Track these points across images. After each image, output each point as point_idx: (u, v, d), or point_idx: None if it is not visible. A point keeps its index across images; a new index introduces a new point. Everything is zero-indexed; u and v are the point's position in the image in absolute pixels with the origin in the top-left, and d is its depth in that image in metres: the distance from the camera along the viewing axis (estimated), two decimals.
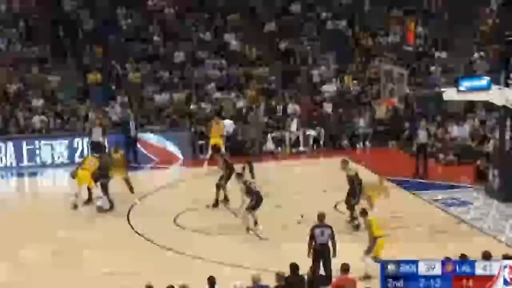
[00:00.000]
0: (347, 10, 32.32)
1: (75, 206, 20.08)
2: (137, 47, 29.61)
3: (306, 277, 13.45)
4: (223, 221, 19.02)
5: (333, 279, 13.99)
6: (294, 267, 13.15)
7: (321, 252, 14.78)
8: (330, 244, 14.86)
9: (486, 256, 13.06)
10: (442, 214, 19.44)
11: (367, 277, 14.65)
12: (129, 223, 19.14)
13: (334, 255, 14.76)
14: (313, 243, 14.86)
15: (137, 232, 18.46)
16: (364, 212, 15.66)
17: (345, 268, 13.11)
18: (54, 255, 17.09)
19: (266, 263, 15.41)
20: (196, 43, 30.19)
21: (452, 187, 21.85)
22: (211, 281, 12.72)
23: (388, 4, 32.49)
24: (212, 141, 23.61)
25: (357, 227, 17.63)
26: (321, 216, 15.22)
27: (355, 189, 18.06)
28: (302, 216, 18.11)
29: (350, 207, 18.09)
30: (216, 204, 19.91)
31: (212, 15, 31.13)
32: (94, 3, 30.65)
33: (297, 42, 30.72)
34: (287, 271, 13.11)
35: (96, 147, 24.09)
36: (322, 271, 14.69)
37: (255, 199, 17.91)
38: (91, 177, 20.06)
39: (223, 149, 22.64)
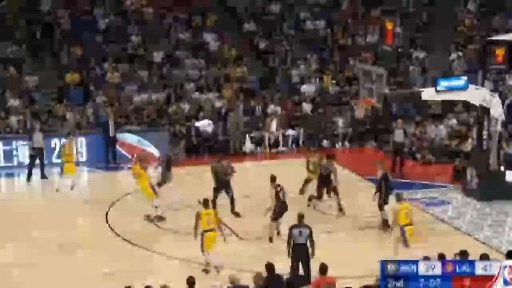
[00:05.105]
0: (326, 10, 32.36)
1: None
2: (115, 47, 29.46)
3: (285, 277, 13.44)
4: None
5: (312, 279, 13.99)
6: (269, 267, 13.10)
7: (299, 252, 14.75)
8: (308, 244, 14.83)
9: (463, 255, 13.14)
10: (420, 213, 19.49)
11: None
12: (108, 223, 19.05)
13: (313, 255, 14.74)
14: (292, 243, 14.84)
15: (115, 233, 18.37)
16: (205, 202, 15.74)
17: (324, 268, 13.10)
18: (32, 256, 16.96)
19: (245, 264, 15.39)
20: (175, 43, 30.11)
21: (430, 186, 21.96)
22: (191, 281, 12.67)
23: (367, 4, 32.59)
24: None
25: None
26: (300, 216, 15.21)
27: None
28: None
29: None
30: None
31: (191, 15, 31.06)
32: (71, 3, 30.45)
33: (276, 42, 30.73)
34: (265, 271, 13.07)
35: (39, 153, 23.27)
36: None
37: (279, 208, 17.23)
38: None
39: None
